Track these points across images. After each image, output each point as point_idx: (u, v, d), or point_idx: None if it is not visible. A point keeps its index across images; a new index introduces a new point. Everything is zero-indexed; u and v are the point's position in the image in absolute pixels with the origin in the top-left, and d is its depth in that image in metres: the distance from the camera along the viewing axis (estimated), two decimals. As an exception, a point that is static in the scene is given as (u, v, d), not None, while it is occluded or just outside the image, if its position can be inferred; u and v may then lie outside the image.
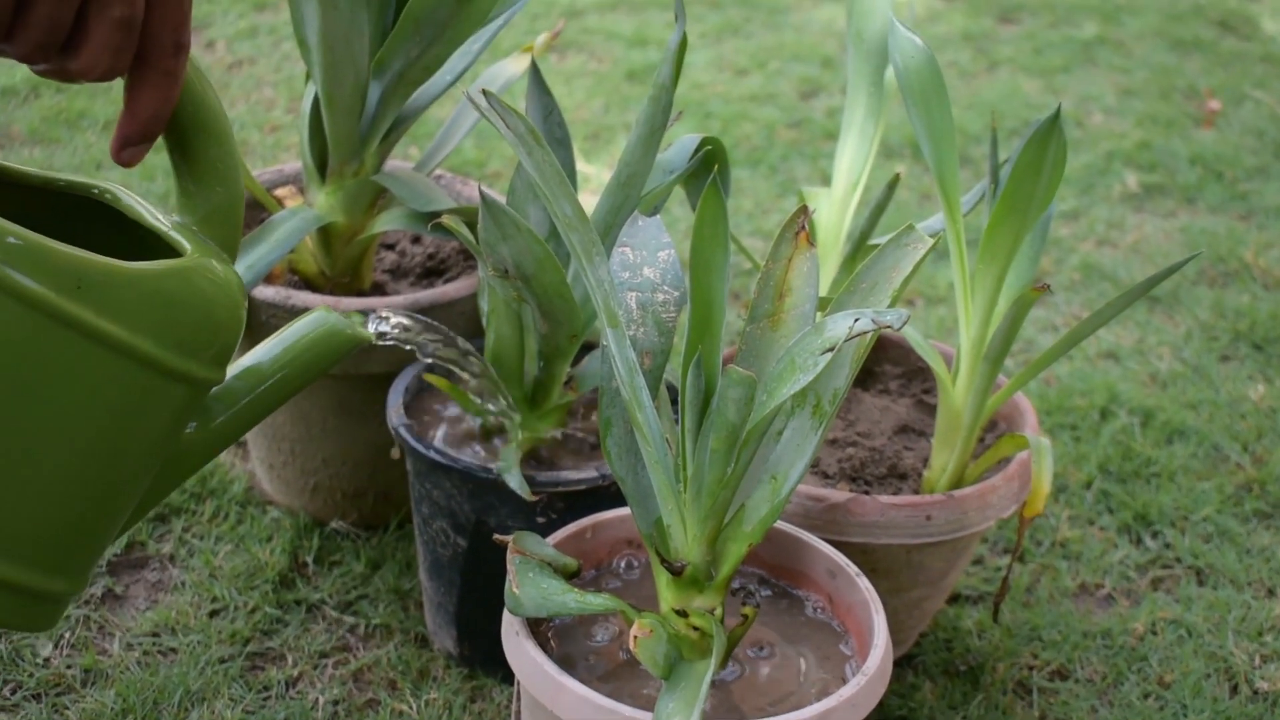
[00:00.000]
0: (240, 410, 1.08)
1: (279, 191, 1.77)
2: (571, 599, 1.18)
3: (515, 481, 1.39)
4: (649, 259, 1.29)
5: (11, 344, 0.90)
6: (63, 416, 0.93)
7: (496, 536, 1.25)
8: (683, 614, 1.19)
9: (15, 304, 0.89)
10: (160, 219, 1.03)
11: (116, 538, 1.03)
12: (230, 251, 1.06)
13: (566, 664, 1.22)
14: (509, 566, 1.19)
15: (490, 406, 1.50)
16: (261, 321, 1.60)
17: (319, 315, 1.12)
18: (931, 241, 1.19)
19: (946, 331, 2.25)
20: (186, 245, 1.01)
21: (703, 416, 1.17)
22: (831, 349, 1.04)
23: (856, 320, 1.03)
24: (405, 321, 1.40)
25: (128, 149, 0.98)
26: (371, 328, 1.37)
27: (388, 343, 1.38)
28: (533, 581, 1.19)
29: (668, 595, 1.21)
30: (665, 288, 1.27)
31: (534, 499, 1.40)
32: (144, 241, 1.02)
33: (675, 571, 1.19)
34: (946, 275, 2.41)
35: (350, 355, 1.14)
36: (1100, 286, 2.42)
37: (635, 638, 1.15)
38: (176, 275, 0.98)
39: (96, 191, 1.03)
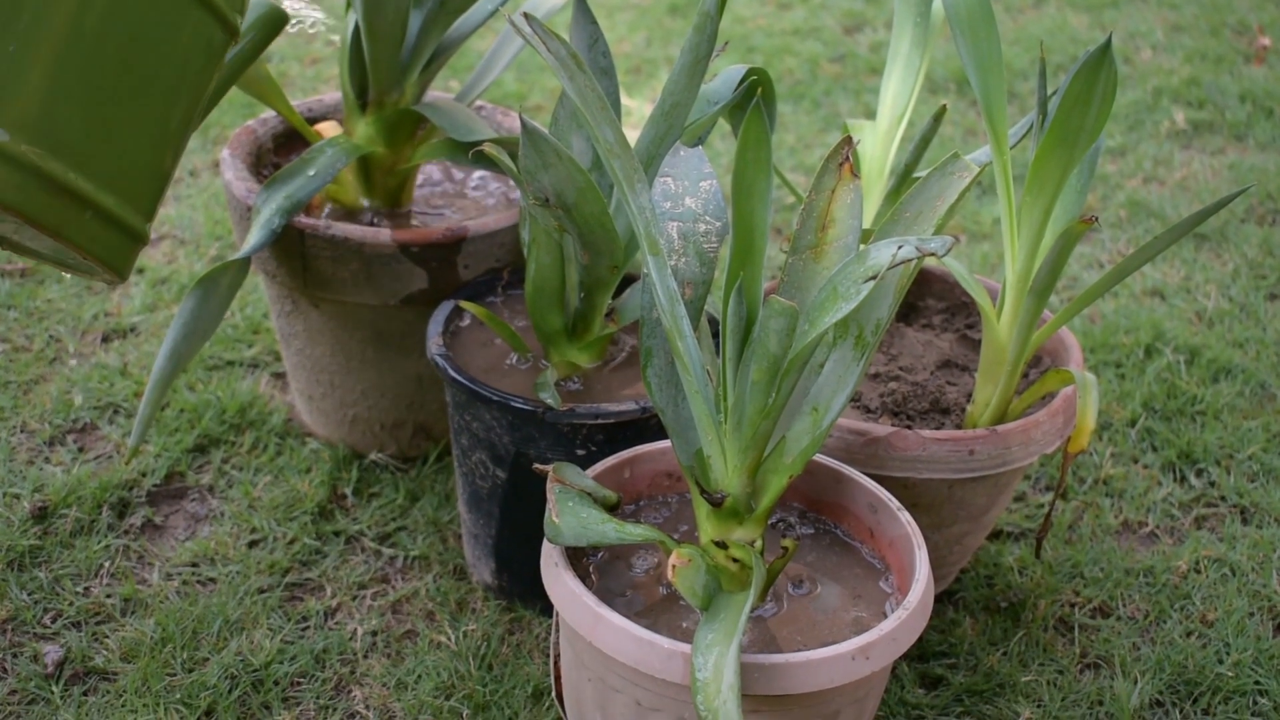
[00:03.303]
0: (228, 67, 1.41)
1: (319, 125, 1.76)
2: (611, 529, 1.17)
3: (549, 395, 1.39)
4: (691, 189, 1.27)
5: None
6: (159, 54, 1.13)
7: (536, 466, 1.24)
8: (722, 545, 1.18)
9: None
10: None
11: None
12: None
13: (605, 598, 1.22)
14: (549, 496, 1.19)
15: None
16: (300, 251, 1.59)
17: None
18: (977, 170, 1.17)
19: (991, 267, 2.23)
20: None
21: (744, 346, 1.15)
22: (875, 277, 1.03)
23: (900, 247, 1.02)
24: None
25: None
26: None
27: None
28: (572, 511, 1.18)
29: (707, 527, 1.20)
30: (707, 218, 1.26)
31: (565, 408, 1.40)
32: None
33: (715, 503, 1.18)
34: (991, 211, 2.38)
35: (282, 27, 1.50)
36: (1147, 224, 2.39)
37: (674, 567, 1.15)
38: None
39: None
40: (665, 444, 1.34)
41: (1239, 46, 3.10)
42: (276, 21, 1.49)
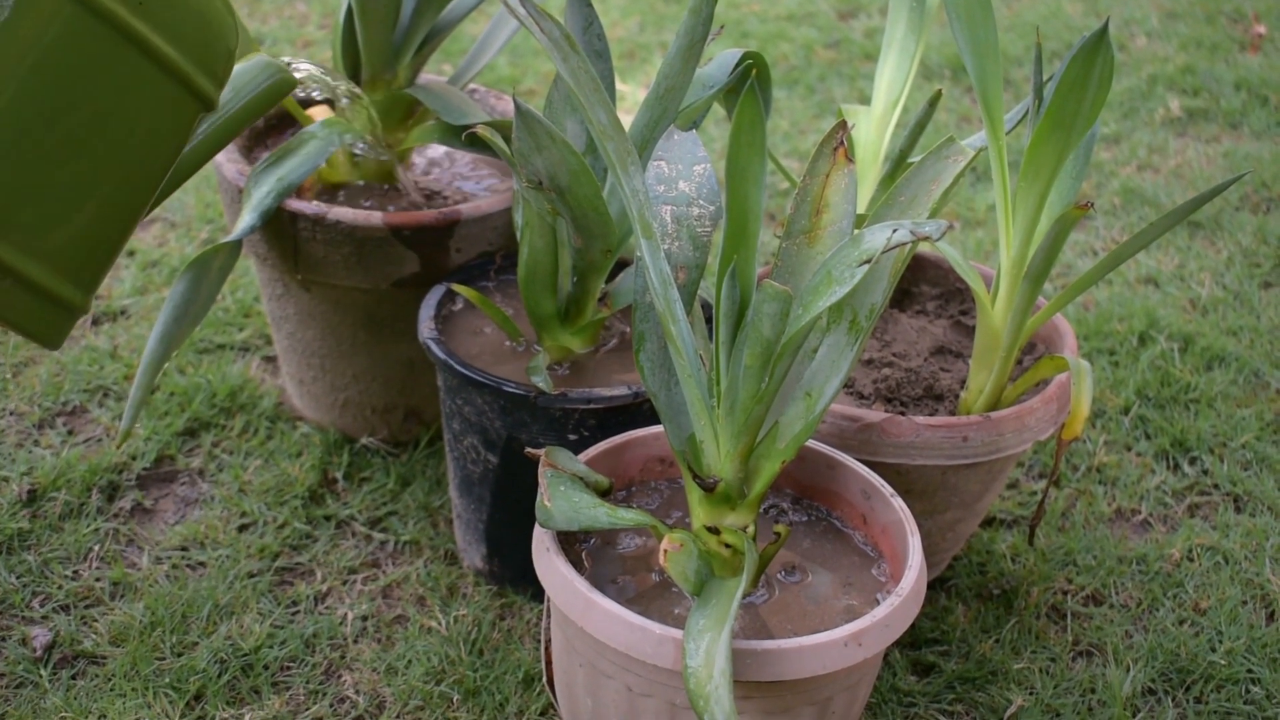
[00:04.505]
0: (210, 135, 1.30)
1: (312, 108, 1.76)
2: (602, 513, 1.17)
3: (541, 379, 1.38)
4: (684, 173, 1.27)
5: (79, 55, 1.01)
6: (111, 125, 1.05)
7: (528, 450, 1.24)
8: (715, 531, 1.18)
9: (89, 16, 1.01)
10: None
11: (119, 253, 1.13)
12: None
13: (597, 584, 1.21)
14: (541, 480, 1.18)
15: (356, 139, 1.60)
16: (291, 234, 1.58)
17: (262, 58, 1.36)
18: (972, 153, 1.16)
19: (985, 254, 2.22)
20: None
21: (737, 329, 1.15)
22: (869, 260, 1.02)
23: (895, 231, 1.01)
24: (311, 68, 1.54)
25: None
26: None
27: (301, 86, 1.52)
28: (564, 495, 1.18)
29: (700, 512, 1.20)
30: (701, 202, 1.25)
31: (557, 393, 1.39)
32: None
33: (708, 488, 1.17)
34: (985, 198, 2.38)
35: (286, 95, 1.37)
36: (1141, 211, 2.39)
37: (666, 552, 1.14)
38: None
39: None
40: (658, 429, 1.34)
41: (1234, 34, 3.10)
42: (281, 88, 1.37)
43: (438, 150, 1.83)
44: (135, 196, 1.11)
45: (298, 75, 1.49)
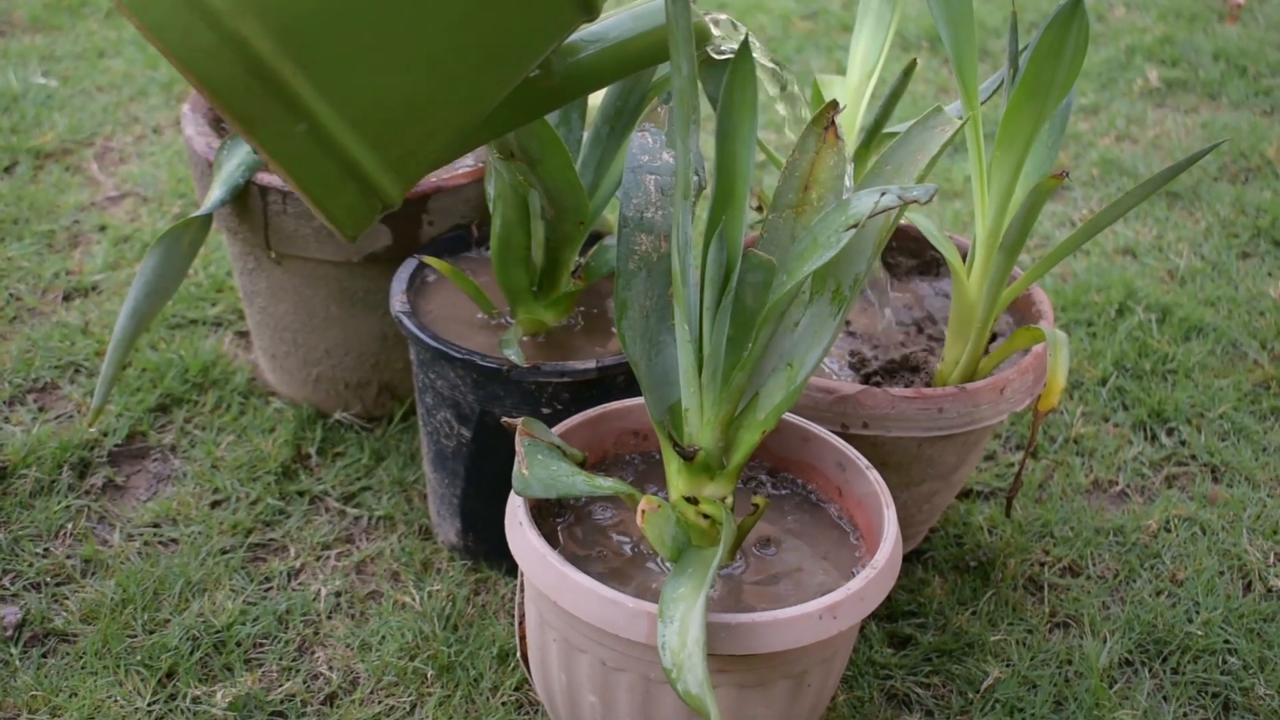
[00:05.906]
0: (584, 62, 1.12)
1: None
2: (580, 480, 1.16)
3: (514, 352, 1.37)
4: (668, 143, 1.26)
5: None
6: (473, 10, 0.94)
7: (505, 420, 1.23)
8: (693, 501, 1.17)
9: None
10: None
11: (444, 159, 1.02)
12: None
13: (571, 561, 1.20)
14: (518, 448, 1.17)
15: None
16: (262, 207, 1.57)
17: None
18: (959, 123, 1.15)
19: (962, 225, 2.22)
20: None
21: (722, 294, 1.14)
22: (856, 225, 1.01)
23: (883, 195, 1.01)
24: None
25: None
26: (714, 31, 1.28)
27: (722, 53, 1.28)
28: (542, 464, 1.17)
29: (678, 482, 1.19)
30: (684, 171, 1.24)
31: (529, 366, 1.38)
32: None
33: (687, 456, 1.17)
34: (962, 169, 2.37)
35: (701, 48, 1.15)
36: (1119, 182, 2.38)
37: (643, 513, 1.13)
38: None
39: None
40: (632, 401, 1.33)
41: (1212, 5, 3.09)
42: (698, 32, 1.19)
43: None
44: (483, 87, 1.00)
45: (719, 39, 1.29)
